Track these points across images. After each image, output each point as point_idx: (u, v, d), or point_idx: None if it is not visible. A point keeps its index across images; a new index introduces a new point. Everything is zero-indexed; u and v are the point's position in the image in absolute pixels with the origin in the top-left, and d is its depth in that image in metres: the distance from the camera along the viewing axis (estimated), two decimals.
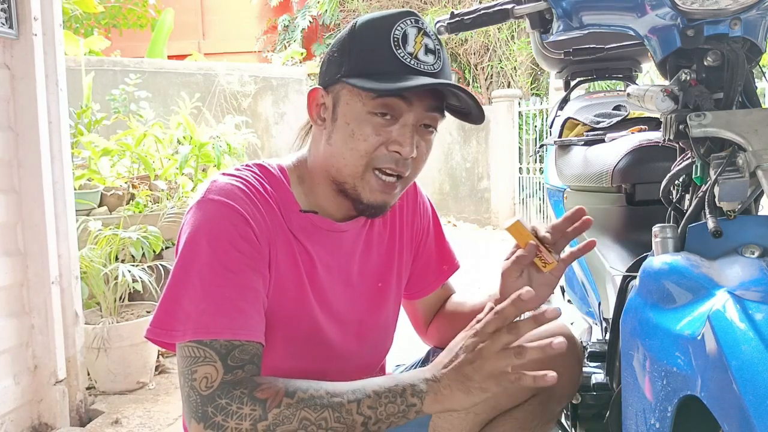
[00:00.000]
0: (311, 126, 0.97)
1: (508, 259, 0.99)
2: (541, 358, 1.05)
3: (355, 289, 1.00)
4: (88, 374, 2.26)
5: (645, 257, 0.83)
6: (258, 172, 0.93)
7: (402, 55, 0.84)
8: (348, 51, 0.87)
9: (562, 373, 1.06)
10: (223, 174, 0.91)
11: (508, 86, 7.83)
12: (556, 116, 1.69)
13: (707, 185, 0.74)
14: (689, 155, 0.81)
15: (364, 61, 0.86)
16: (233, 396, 0.77)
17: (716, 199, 0.71)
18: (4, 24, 1.80)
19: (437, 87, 0.85)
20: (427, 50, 0.86)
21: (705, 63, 0.78)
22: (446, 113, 0.91)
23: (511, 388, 1.06)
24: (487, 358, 0.76)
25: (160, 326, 0.82)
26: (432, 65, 0.86)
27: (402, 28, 0.85)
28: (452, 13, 1.04)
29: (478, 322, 0.80)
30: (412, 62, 0.85)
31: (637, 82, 1.72)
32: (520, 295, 0.75)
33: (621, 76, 1.72)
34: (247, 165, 0.94)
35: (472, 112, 0.90)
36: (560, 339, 0.74)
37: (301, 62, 8.05)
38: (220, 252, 0.82)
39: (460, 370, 0.77)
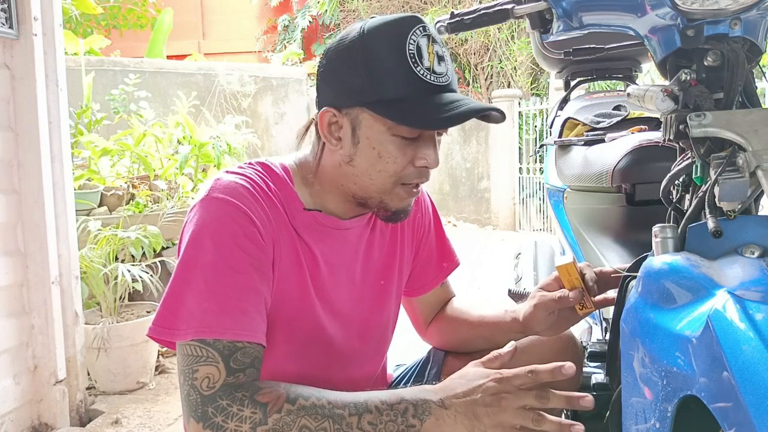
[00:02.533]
0: (310, 127, 0.96)
1: (544, 289, 1.01)
2: (541, 357, 1.05)
3: (358, 287, 1.00)
4: (88, 374, 2.26)
5: (645, 257, 0.83)
6: (261, 170, 0.92)
7: (422, 72, 0.83)
8: (364, 73, 0.84)
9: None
10: (227, 172, 0.90)
11: (508, 86, 7.83)
12: (556, 116, 1.69)
13: (707, 185, 0.74)
14: (689, 155, 0.81)
15: (385, 87, 0.83)
16: (234, 398, 0.76)
17: (716, 199, 0.71)
18: (4, 24, 1.80)
19: (469, 115, 0.84)
20: (439, 59, 0.85)
21: (705, 63, 0.78)
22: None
23: None
24: (505, 410, 0.75)
25: (162, 324, 0.82)
26: (446, 74, 0.86)
27: (414, 41, 0.83)
28: (452, 13, 1.04)
29: (496, 358, 0.80)
30: (431, 78, 0.84)
31: (637, 82, 1.72)
32: (562, 368, 0.75)
33: (621, 76, 1.72)
34: (250, 163, 0.94)
35: (491, 115, 0.90)
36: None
37: (300, 62, 8.05)
38: (224, 251, 0.82)
39: (473, 408, 0.76)
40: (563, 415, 1.20)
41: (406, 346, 1.37)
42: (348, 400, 0.78)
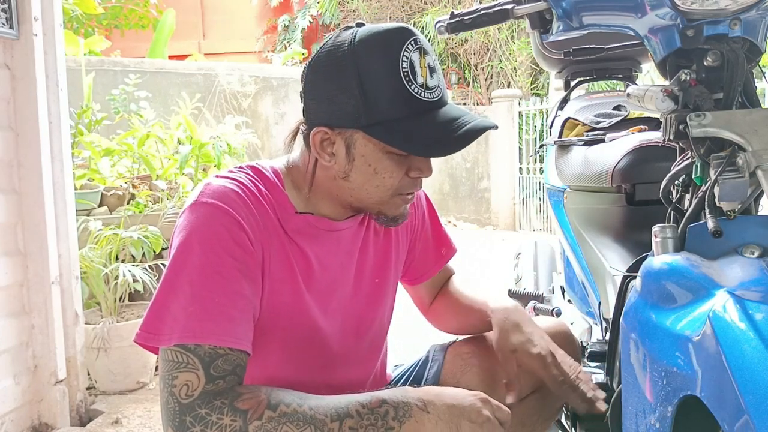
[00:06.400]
0: (298, 131, 0.94)
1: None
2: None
3: (353, 286, 1.00)
4: (88, 374, 2.26)
5: (645, 257, 0.83)
6: (252, 174, 0.92)
7: (416, 90, 0.83)
8: (358, 95, 0.82)
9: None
10: (217, 176, 0.90)
11: (508, 86, 7.83)
12: (556, 116, 1.68)
13: (707, 185, 0.74)
14: (689, 155, 0.81)
15: (380, 109, 0.82)
16: (213, 406, 0.76)
17: (716, 199, 0.71)
18: (4, 24, 1.80)
19: (468, 140, 0.86)
20: (430, 71, 0.85)
21: (705, 63, 0.78)
22: None
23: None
24: (484, 430, 0.81)
25: (148, 330, 0.81)
26: (438, 87, 0.86)
27: (407, 58, 0.82)
28: (452, 13, 1.04)
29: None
30: (425, 95, 0.84)
31: (637, 82, 1.72)
32: None
33: (621, 76, 1.72)
34: (240, 167, 0.93)
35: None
36: None
37: (301, 62, 8.05)
38: (212, 257, 0.81)
39: (458, 418, 0.80)
40: (563, 416, 1.20)
41: (406, 348, 1.37)
42: (330, 406, 0.79)
